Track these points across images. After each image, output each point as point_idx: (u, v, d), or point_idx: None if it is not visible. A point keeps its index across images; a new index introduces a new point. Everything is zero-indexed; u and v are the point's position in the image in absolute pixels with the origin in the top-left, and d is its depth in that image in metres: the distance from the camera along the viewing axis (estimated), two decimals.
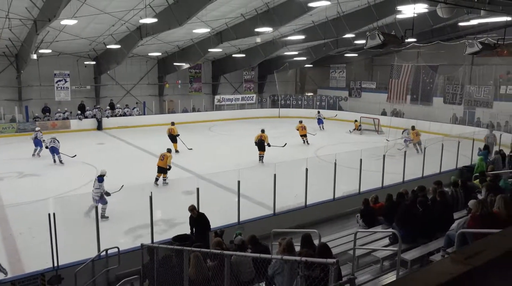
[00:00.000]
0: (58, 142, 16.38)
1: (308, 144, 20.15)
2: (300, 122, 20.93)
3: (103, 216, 9.94)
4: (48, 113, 24.58)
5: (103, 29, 20.04)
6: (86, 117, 25.06)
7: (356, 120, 25.14)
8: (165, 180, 13.42)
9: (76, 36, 20.31)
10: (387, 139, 20.13)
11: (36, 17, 16.28)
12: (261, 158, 16.50)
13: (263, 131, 17.13)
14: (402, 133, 19.95)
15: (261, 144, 16.55)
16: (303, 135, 20.47)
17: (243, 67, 30.99)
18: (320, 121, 25.78)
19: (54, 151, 16.17)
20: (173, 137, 18.18)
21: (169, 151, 14.05)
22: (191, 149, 18.43)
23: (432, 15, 17.88)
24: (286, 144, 18.33)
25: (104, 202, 10.21)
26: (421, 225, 7.00)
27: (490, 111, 23.20)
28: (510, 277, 1.27)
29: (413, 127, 19.61)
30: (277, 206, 9.76)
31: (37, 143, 17.11)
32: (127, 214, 10.38)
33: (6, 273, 6.86)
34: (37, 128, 18.07)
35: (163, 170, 13.32)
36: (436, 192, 7.95)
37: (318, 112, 26.97)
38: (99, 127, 24.91)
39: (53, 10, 14.42)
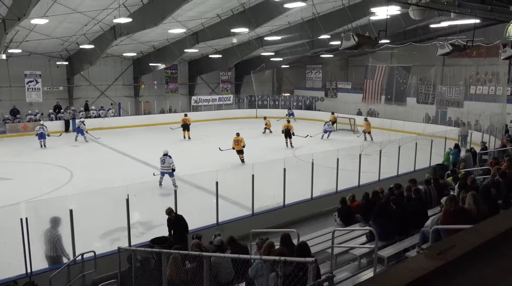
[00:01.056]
0: (46, 128, 19.21)
1: (271, 132, 22.92)
2: (265, 118, 24.65)
3: (175, 185, 12.28)
4: (18, 115, 23.78)
5: (76, 28, 19.59)
6: (59, 119, 24.43)
7: (332, 113, 25.60)
8: (242, 159, 16.15)
9: (48, 35, 19.79)
10: (357, 136, 21.57)
11: (4, 16, 15.77)
12: (287, 143, 19.77)
13: (288, 121, 20.99)
14: (324, 125, 22.80)
15: (287, 132, 19.78)
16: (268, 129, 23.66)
17: (220, 67, 30.90)
18: (292, 114, 28.58)
19: (42, 136, 18.74)
20: (186, 126, 21.87)
21: (238, 134, 16.74)
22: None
23: (404, 17, 18.28)
24: (308, 135, 20.81)
25: (173, 174, 12.69)
26: (396, 222, 7.15)
27: (461, 111, 23.90)
28: (480, 270, 1.32)
29: (365, 119, 22.83)
30: (256, 206, 9.77)
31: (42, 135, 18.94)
32: (103, 217, 10.19)
33: (69, 258, 7.17)
34: (41, 121, 20.32)
35: (241, 151, 16.28)
36: (410, 189, 8.14)
37: (289, 108, 30.03)
38: (67, 129, 24.18)
39: (22, 9, 14.01)
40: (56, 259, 7.21)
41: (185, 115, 22.79)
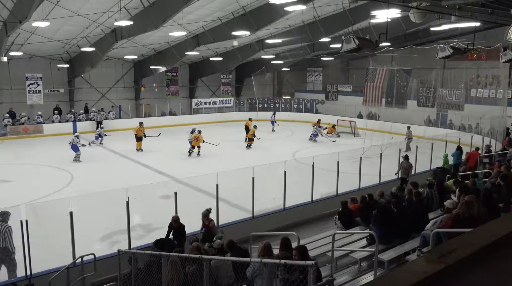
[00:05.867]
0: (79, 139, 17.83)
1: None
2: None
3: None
4: (21, 118, 23.75)
5: (77, 31, 19.63)
6: (67, 121, 24.70)
7: (333, 125, 25.46)
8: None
9: (49, 38, 19.83)
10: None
11: (6, 19, 15.81)
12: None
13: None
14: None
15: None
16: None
17: (221, 70, 30.93)
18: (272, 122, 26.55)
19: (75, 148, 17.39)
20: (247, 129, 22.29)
21: (318, 121, 23.38)
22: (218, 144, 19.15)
23: (405, 20, 18.29)
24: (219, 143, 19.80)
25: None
26: (397, 225, 7.13)
27: (461, 114, 23.88)
28: (481, 274, 1.32)
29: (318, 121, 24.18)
30: (256, 209, 9.76)
31: (74, 148, 17.33)
32: (103, 220, 10.17)
33: (14, 251, 7.12)
34: (75, 133, 18.54)
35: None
36: (411, 193, 8.12)
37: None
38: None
39: (24, 12, 14.04)
40: (3, 251, 7.10)
41: (140, 125, 19.97)
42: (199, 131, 18.82)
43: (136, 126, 19.90)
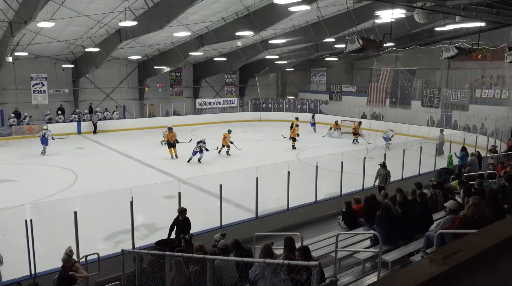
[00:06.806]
0: (50, 131, 18.57)
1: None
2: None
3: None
4: (24, 118, 23.92)
5: (82, 32, 19.72)
6: (71, 121, 24.93)
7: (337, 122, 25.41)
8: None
9: (54, 39, 19.93)
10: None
11: (11, 19, 15.91)
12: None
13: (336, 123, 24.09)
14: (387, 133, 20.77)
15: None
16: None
17: (225, 70, 30.98)
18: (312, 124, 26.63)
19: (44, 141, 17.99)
20: (171, 144, 18.07)
21: (336, 123, 23.73)
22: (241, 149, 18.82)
23: (409, 20, 18.25)
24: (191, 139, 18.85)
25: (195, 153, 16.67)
26: (401, 226, 7.10)
27: (466, 114, 23.77)
28: (486, 276, 1.31)
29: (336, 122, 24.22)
30: (259, 209, 9.75)
31: (44, 141, 17.92)
32: (107, 219, 10.21)
33: (1, 260, 6.85)
34: (44, 127, 19.09)
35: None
36: (415, 193, 8.09)
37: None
38: (95, 131, 24.99)
39: (29, 12, 14.12)
40: None
41: (170, 130, 18.40)
42: (229, 131, 18.51)
43: (166, 133, 18.63)
